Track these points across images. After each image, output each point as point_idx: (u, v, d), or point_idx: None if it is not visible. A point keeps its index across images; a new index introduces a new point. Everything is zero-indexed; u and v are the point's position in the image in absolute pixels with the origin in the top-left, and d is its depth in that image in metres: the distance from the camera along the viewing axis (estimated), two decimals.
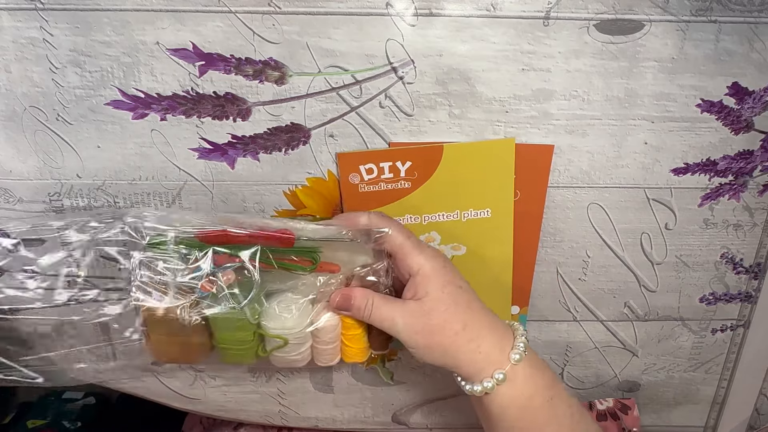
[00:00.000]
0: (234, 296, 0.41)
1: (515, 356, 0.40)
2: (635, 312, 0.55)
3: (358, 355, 0.46)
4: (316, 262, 0.42)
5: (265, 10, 0.41)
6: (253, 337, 0.43)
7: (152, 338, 0.43)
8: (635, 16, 0.42)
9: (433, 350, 0.41)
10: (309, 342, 0.44)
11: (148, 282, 0.41)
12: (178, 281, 0.40)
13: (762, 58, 0.43)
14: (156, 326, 0.42)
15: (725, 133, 0.46)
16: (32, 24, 0.41)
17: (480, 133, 0.45)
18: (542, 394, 0.41)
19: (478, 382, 0.41)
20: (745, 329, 0.56)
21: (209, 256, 0.40)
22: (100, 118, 0.44)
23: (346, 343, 0.45)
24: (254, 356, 0.44)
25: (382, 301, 0.42)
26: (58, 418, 0.80)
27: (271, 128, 0.45)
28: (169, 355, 0.45)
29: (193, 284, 0.40)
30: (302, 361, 0.45)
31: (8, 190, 0.46)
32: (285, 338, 0.43)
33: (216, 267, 0.40)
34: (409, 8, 0.41)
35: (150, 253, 0.41)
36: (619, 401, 0.60)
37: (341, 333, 0.44)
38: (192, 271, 0.40)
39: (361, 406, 0.60)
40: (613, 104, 0.45)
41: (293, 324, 0.42)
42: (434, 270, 0.41)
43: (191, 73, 0.42)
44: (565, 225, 0.50)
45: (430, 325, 0.40)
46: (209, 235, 0.40)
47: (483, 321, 0.42)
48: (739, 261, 0.53)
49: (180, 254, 0.40)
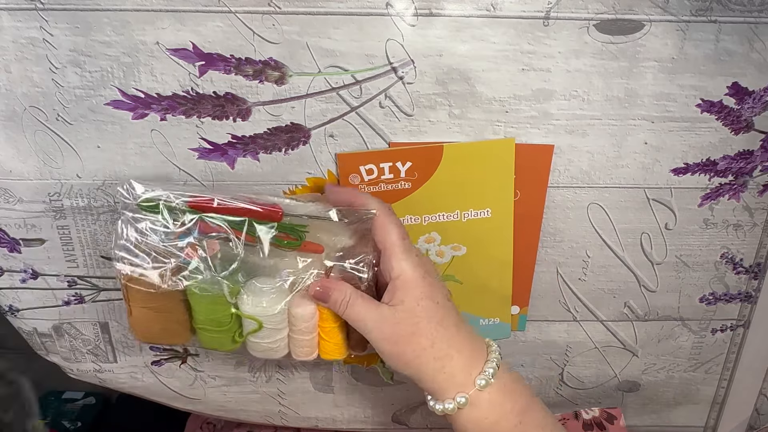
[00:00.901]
0: (216, 266, 0.41)
1: (481, 381, 0.39)
2: (635, 312, 0.55)
3: (335, 351, 0.45)
4: (300, 240, 0.42)
5: (265, 10, 0.41)
6: (230, 320, 0.43)
7: (134, 313, 0.43)
8: (635, 16, 0.42)
9: (398, 360, 0.40)
10: (285, 330, 0.44)
11: (133, 242, 0.40)
12: (162, 245, 0.40)
13: (762, 58, 0.43)
14: (138, 299, 0.42)
15: (725, 133, 0.46)
16: (32, 24, 0.41)
17: (480, 133, 0.45)
18: (510, 419, 0.40)
19: (441, 401, 0.40)
20: (745, 329, 0.56)
21: (196, 224, 0.40)
22: (100, 118, 0.44)
23: (323, 337, 0.45)
24: (231, 341, 0.44)
25: (359, 300, 0.41)
26: (58, 418, 0.80)
27: (271, 128, 0.45)
28: (151, 334, 0.45)
29: (177, 251, 0.41)
30: (279, 351, 0.45)
31: (8, 190, 0.46)
32: (259, 321, 0.42)
33: (201, 235, 0.40)
34: (409, 8, 0.41)
35: (139, 214, 0.41)
36: (606, 411, 0.60)
37: (318, 325, 0.44)
38: (177, 236, 0.41)
39: (361, 406, 0.60)
40: (613, 104, 0.45)
41: (267, 305, 0.42)
42: (414, 279, 0.40)
43: (191, 73, 0.42)
44: (565, 225, 0.50)
45: (398, 334, 0.40)
46: (199, 203, 0.40)
47: (454, 340, 0.40)
48: (739, 261, 0.53)
49: (168, 218, 0.40)
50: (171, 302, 0.43)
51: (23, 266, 0.50)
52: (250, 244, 0.41)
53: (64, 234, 0.48)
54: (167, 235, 0.41)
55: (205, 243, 0.41)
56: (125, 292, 0.42)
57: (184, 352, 0.55)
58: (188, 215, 0.40)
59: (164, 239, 0.41)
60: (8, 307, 0.52)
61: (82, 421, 0.80)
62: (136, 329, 0.44)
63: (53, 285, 0.51)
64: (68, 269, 0.50)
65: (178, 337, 0.46)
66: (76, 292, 0.51)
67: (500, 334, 0.55)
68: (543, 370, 0.58)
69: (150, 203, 0.40)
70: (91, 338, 0.54)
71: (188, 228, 0.40)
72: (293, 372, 0.57)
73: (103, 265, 0.50)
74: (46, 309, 0.52)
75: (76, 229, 0.48)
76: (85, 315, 0.53)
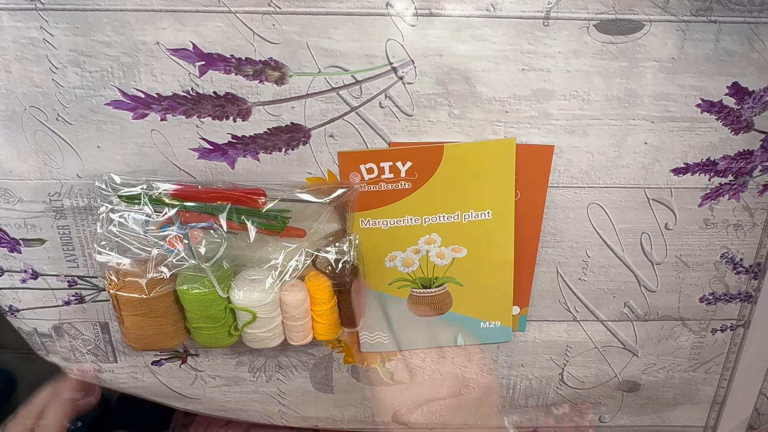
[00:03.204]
0: (200, 255, 0.42)
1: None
2: (635, 312, 0.55)
3: (329, 332, 0.46)
4: (284, 224, 0.42)
5: (265, 10, 0.41)
6: (224, 315, 0.43)
7: (126, 322, 0.43)
8: (635, 16, 0.42)
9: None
10: (279, 318, 0.45)
11: (115, 235, 0.41)
12: (144, 236, 0.41)
13: (762, 58, 0.43)
14: (128, 306, 0.42)
15: (725, 133, 0.46)
16: (32, 24, 0.41)
17: (480, 133, 0.45)
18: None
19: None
20: (745, 329, 0.56)
21: (178, 214, 0.41)
22: (100, 118, 0.44)
23: (316, 320, 0.45)
24: (227, 335, 0.45)
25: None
26: None
27: (271, 128, 0.45)
28: (146, 340, 0.45)
29: (159, 241, 0.41)
30: (275, 339, 0.46)
31: (8, 190, 0.46)
32: (253, 311, 0.43)
33: (184, 224, 0.41)
34: (409, 8, 0.41)
35: (120, 207, 0.41)
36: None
37: (311, 309, 0.45)
38: (160, 226, 0.41)
39: (361, 406, 0.60)
40: (613, 104, 0.45)
41: (259, 295, 0.43)
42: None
43: (191, 73, 0.42)
44: (565, 225, 0.50)
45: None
46: (181, 191, 0.41)
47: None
48: (739, 261, 0.53)
49: (149, 210, 0.41)
50: (162, 305, 0.43)
51: (23, 266, 0.50)
52: (233, 231, 0.41)
53: (64, 234, 0.48)
54: (149, 225, 0.41)
55: (188, 232, 0.41)
56: (115, 302, 0.42)
57: (185, 351, 0.55)
58: (170, 206, 0.41)
59: (146, 230, 0.41)
60: (8, 307, 0.52)
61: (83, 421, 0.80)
62: (130, 337, 0.44)
63: (53, 285, 0.51)
64: (68, 269, 0.50)
65: (172, 340, 0.46)
66: (76, 292, 0.51)
67: (501, 337, 0.55)
68: (543, 370, 0.58)
69: (131, 195, 0.41)
70: (91, 338, 0.54)
71: (170, 217, 0.41)
72: (293, 372, 0.57)
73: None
74: (46, 309, 0.52)
75: (76, 229, 0.48)
76: (85, 315, 0.53)
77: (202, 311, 0.43)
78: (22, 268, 0.50)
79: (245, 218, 0.41)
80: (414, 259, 0.50)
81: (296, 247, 0.43)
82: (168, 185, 0.41)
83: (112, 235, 0.41)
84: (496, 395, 0.59)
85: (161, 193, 0.41)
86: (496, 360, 0.57)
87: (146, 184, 0.41)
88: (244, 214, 0.41)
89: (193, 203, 0.41)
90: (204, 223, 0.41)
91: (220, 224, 0.41)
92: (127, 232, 0.41)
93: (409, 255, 0.50)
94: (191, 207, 0.41)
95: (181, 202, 0.41)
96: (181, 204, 0.41)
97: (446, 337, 0.55)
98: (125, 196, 0.41)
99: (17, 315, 0.53)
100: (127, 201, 0.42)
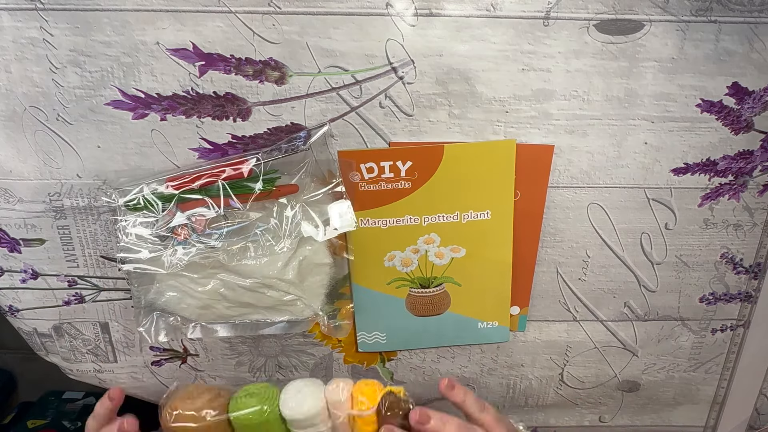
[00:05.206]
0: (208, 237, 0.43)
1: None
2: (635, 312, 0.55)
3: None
4: (273, 183, 0.44)
5: (265, 10, 0.41)
6: None
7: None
8: (635, 16, 0.42)
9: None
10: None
11: (132, 241, 0.43)
12: (154, 234, 0.43)
13: (762, 58, 0.43)
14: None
15: (725, 133, 0.46)
16: (32, 24, 0.41)
17: (480, 133, 0.45)
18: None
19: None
20: (745, 329, 0.56)
21: (176, 205, 0.43)
22: (100, 118, 0.44)
23: None
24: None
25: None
26: (58, 418, 0.80)
27: (271, 128, 0.45)
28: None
29: (167, 234, 0.43)
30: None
31: (8, 190, 0.46)
32: None
33: (182, 213, 0.43)
34: (409, 8, 0.41)
35: (127, 214, 0.43)
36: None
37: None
38: (165, 222, 0.43)
39: None
40: (613, 104, 0.45)
41: (312, 402, 0.44)
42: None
43: (191, 73, 0.42)
44: (565, 225, 0.50)
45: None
46: (174, 180, 0.43)
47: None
48: (739, 261, 0.53)
49: (152, 209, 0.43)
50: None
51: (23, 266, 0.50)
52: (230, 207, 0.43)
53: (65, 234, 0.48)
54: (156, 224, 0.43)
55: (191, 220, 0.43)
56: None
57: (184, 351, 0.55)
58: (167, 202, 0.43)
59: (155, 229, 0.43)
60: (8, 307, 0.52)
61: (83, 421, 0.80)
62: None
63: (53, 285, 0.51)
64: (68, 269, 0.50)
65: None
66: (77, 292, 0.51)
67: (499, 337, 0.55)
68: (543, 370, 0.58)
69: (133, 203, 0.43)
70: (91, 338, 0.54)
71: (171, 210, 0.43)
72: (293, 372, 0.57)
73: (104, 265, 0.50)
74: (46, 309, 0.52)
75: (76, 228, 0.48)
76: (85, 315, 0.53)
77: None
78: (22, 268, 0.50)
79: (235, 191, 0.43)
80: (413, 259, 0.50)
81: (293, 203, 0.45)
82: (161, 181, 0.43)
83: (130, 243, 0.43)
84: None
85: (157, 191, 0.43)
86: (495, 360, 0.57)
87: (141, 188, 0.43)
88: (233, 188, 0.43)
89: (186, 192, 0.43)
90: (202, 207, 0.43)
91: (218, 203, 0.43)
92: (140, 235, 0.43)
93: (408, 255, 0.50)
94: (186, 198, 0.43)
95: (176, 193, 0.43)
96: (177, 195, 0.43)
97: (445, 337, 0.55)
98: (130, 206, 0.43)
99: (17, 315, 0.53)
100: (132, 209, 0.43)
